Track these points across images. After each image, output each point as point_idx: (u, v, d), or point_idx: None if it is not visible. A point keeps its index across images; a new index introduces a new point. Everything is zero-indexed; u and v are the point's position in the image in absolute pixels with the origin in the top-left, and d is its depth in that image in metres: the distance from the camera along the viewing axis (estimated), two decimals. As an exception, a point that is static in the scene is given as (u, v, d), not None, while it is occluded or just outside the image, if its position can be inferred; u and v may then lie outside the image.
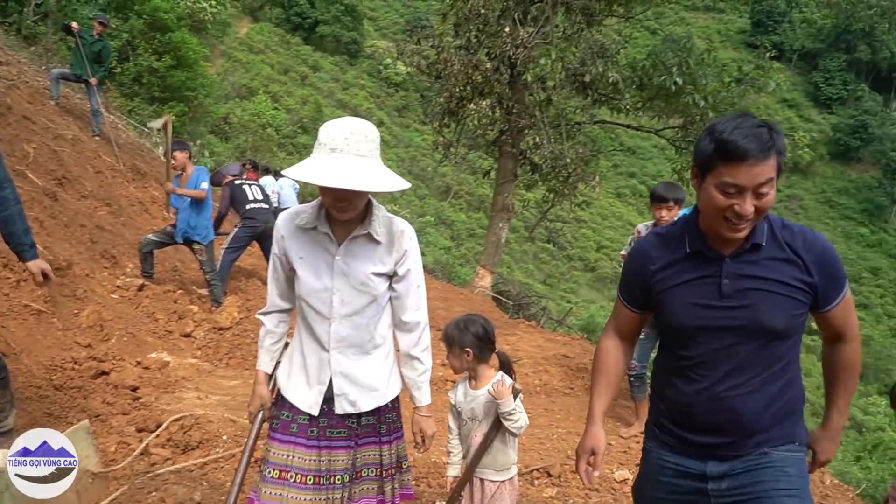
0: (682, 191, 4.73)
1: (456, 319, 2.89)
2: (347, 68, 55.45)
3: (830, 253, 1.98)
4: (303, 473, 2.31)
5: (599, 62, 11.58)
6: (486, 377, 2.84)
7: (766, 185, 1.84)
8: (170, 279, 7.47)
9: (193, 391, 5.12)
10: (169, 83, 18.44)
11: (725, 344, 1.97)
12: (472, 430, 2.84)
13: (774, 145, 1.84)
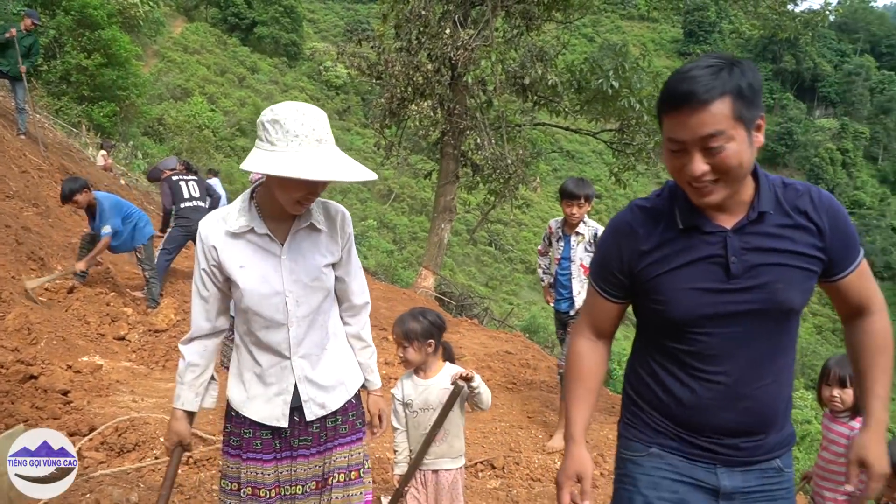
0: (592, 187, 4.69)
1: (408, 313, 2.86)
2: (287, 70, 54.78)
3: (842, 213, 1.67)
4: (267, 488, 2.16)
5: (539, 65, 11.74)
6: (435, 367, 2.87)
7: (715, 137, 1.49)
8: (102, 281, 7.22)
9: (128, 394, 4.96)
10: (99, 82, 17.88)
11: (740, 331, 1.65)
12: (427, 419, 2.82)
13: (722, 86, 1.48)
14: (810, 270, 1.64)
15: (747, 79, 1.51)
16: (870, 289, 1.73)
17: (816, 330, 52.17)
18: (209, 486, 3.76)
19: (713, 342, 1.66)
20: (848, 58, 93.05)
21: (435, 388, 2.82)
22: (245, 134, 36.87)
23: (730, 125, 1.49)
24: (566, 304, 4.80)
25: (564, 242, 4.78)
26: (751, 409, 1.67)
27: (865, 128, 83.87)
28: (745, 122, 1.51)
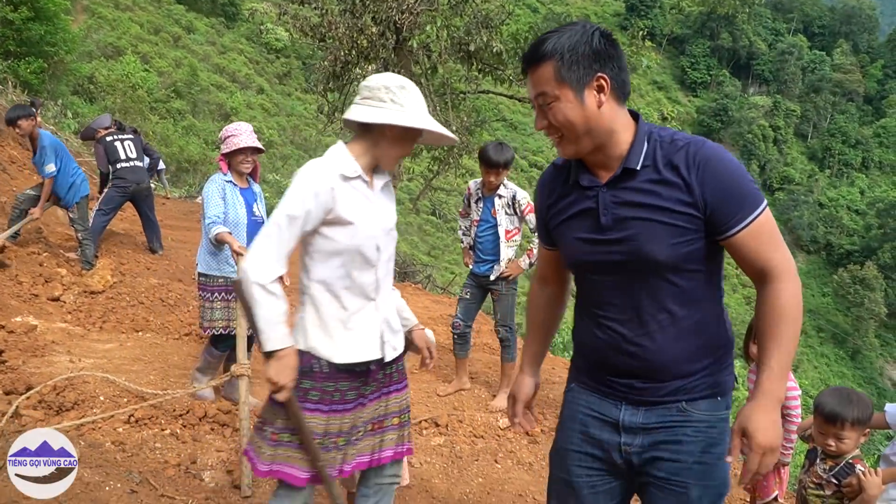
0: (511, 152, 4.64)
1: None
2: (224, 31, 53.10)
3: (724, 169, 1.68)
4: (343, 435, 2.26)
5: (484, 32, 11.70)
6: None
7: (543, 96, 1.69)
8: (34, 241, 6.99)
9: (65, 355, 4.86)
10: (25, 37, 16.97)
11: (618, 280, 1.78)
12: None
13: (549, 51, 1.65)
14: (678, 226, 1.69)
15: (571, 42, 1.65)
16: (768, 252, 1.70)
17: (746, 301, 54.15)
18: (152, 445, 3.74)
19: (600, 289, 1.83)
20: (782, 37, 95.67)
21: None
22: (181, 96, 35.67)
23: (553, 87, 1.67)
24: (485, 268, 4.82)
25: (484, 205, 4.80)
26: (637, 354, 1.79)
27: (797, 106, 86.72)
28: (569, 83, 1.67)
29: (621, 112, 1.76)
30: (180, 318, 6.06)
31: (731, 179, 1.68)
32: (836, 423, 2.65)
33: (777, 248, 1.71)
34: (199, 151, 26.76)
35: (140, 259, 7.61)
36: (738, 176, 1.69)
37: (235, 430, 4.08)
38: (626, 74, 1.75)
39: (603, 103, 1.71)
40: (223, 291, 4.17)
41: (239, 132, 4.10)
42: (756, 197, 1.69)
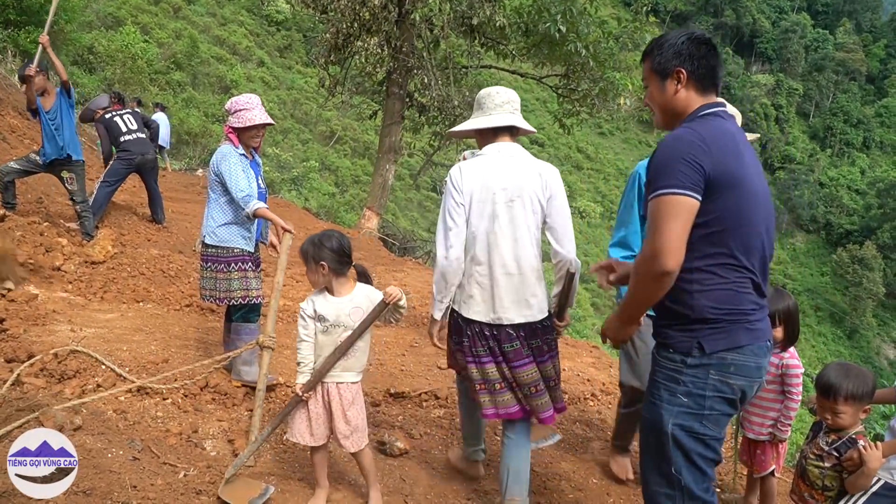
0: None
1: (311, 236, 2.98)
2: (225, 3, 52.48)
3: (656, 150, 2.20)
4: (500, 381, 3.05)
5: (487, 6, 11.60)
6: (345, 288, 2.99)
7: (644, 82, 2.39)
8: (34, 211, 6.97)
9: (66, 324, 4.86)
10: (25, 5, 16.77)
11: None
12: (338, 337, 2.94)
13: (646, 50, 2.36)
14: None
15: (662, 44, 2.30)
16: (649, 226, 2.13)
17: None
18: (153, 414, 3.77)
19: None
20: (785, 14, 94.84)
21: (346, 307, 2.95)
22: (181, 67, 35.37)
23: (647, 76, 2.35)
24: None
25: None
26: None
27: (799, 84, 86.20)
28: (657, 73, 2.31)
29: (699, 99, 2.28)
30: (181, 290, 6.06)
31: (652, 162, 2.18)
32: (829, 397, 2.67)
33: (649, 231, 2.11)
34: (199, 124, 26.61)
35: (140, 230, 7.61)
36: (656, 159, 2.16)
37: (236, 402, 4.11)
38: (710, 69, 2.26)
39: (679, 90, 2.27)
40: (239, 261, 4.14)
41: (251, 106, 4.05)
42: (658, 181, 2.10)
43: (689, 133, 2.13)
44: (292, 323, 5.79)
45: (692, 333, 2.17)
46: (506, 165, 2.96)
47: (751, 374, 2.20)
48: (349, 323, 2.94)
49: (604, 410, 4.99)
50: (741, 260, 2.16)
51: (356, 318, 2.95)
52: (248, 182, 4.02)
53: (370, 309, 2.94)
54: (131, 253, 6.67)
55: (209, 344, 4.92)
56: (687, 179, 2.06)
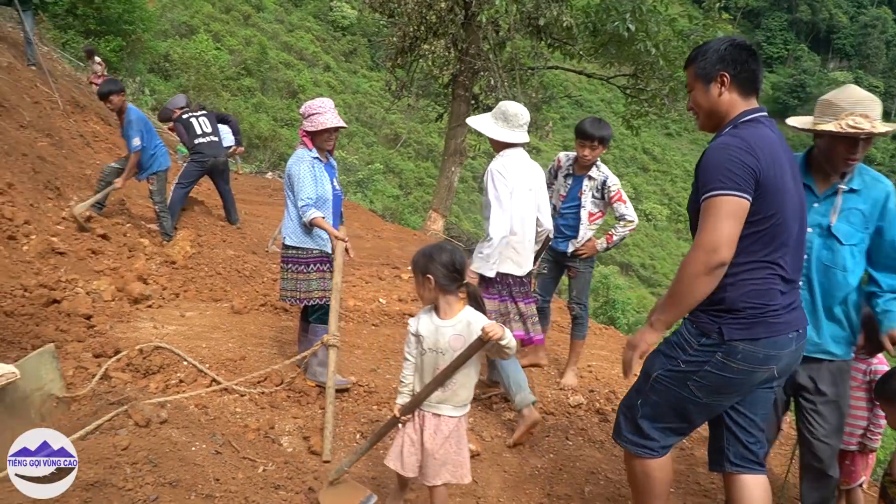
0: (609, 129, 4.48)
1: (424, 247, 2.79)
2: (292, 9, 53.67)
3: (703, 160, 2.35)
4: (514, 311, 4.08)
5: (554, 6, 11.51)
6: (452, 309, 2.73)
7: (689, 86, 2.56)
8: (118, 212, 7.27)
9: (149, 321, 5.06)
10: (105, 15, 17.56)
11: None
12: (436, 362, 2.71)
13: (691, 56, 2.54)
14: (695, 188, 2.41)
15: (706, 50, 2.46)
16: (699, 226, 2.31)
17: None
18: (232, 409, 3.87)
19: None
20: (865, 9, 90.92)
21: (447, 332, 2.70)
22: (250, 73, 36.31)
23: (692, 80, 2.52)
24: (564, 244, 4.72)
25: (573, 182, 4.66)
26: None
27: (880, 82, 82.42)
28: (701, 77, 2.47)
29: (741, 103, 2.44)
30: (255, 289, 6.22)
31: (702, 166, 2.35)
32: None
33: (704, 227, 2.28)
34: (268, 128, 27.26)
35: (216, 231, 7.84)
36: (705, 168, 2.33)
37: (311, 400, 4.19)
38: (751, 74, 2.42)
39: (723, 93, 2.43)
40: (318, 262, 4.23)
41: (324, 110, 4.11)
42: (711, 184, 2.27)
43: (736, 140, 2.31)
44: (363, 324, 5.87)
45: (718, 320, 2.39)
46: (525, 165, 4.05)
47: (755, 362, 2.38)
48: (448, 350, 2.68)
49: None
50: (773, 257, 2.36)
51: (456, 347, 2.65)
52: (314, 188, 4.10)
53: (472, 338, 2.59)
54: (208, 253, 6.88)
55: (283, 343, 5.03)
56: (741, 181, 2.25)
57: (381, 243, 10.40)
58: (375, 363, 5.00)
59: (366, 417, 4.13)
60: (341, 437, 3.90)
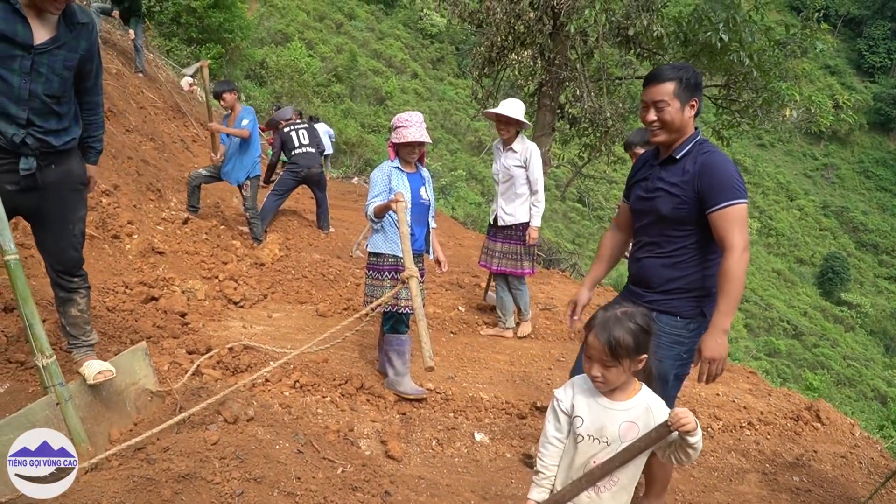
0: (645, 133, 4.58)
1: (613, 315, 2.12)
2: (383, 18, 54.78)
3: (715, 168, 2.67)
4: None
5: (644, 16, 11.32)
6: (629, 388, 2.18)
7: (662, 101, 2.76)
8: (212, 214, 7.61)
9: (238, 321, 5.27)
10: (207, 24, 18.42)
11: (643, 222, 2.92)
12: (594, 453, 2.15)
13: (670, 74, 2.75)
14: (679, 197, 2.73)
15: (687, 75, 2.75)
16: (727, 231, 2.61)
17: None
18: (314, 410, 3.99)
19: (636, 226, 2.99)
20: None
21: (619, 417, 2.13)
22: (340, 80, 37.29)
23: (670, 97, 2.74)
24: None
25: None
26: (635, 267, 2.96)
27: None
28: (679, 98, 2.74)
29: (692, 124, 2.83)
30: (339, 293, 6.38)
31: (714, 175, 2.66)
32: None
33: (734, 231, 2.61)
34: (356, 134, 27.89)
35: (304, 235, 8.09)
36: (722, 174, 2.66)
37: (388, 404, 4.28)
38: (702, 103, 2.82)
39: (692, 116, 2.80)
40: (392, 270, 4.29)
41: (410, 124, 4.20)
42: (730, 190, 2.64)
43: (725, 155, 2.77)
44: (442, 331, 5.94)
45: (700, 303, 2.81)
46: None
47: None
48: (616, 440, 2.12)
49: (762, 441, 4.72)
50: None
51: (627, 437, 2.10)
52: (382, 195, 4.19)
53: (648, 429, 2.07)
54: (295, 256, 7.12)
55: (365, 346, 5.15)
56: (746, 192, 2.74)
57: (461, 251, 10.47)
58: (453, 371, 5.06)
59: (442, 425, 4.19)
60: (417, 442, 3.97)
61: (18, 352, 3.67)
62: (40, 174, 2.94)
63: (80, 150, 3.21)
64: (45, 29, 2.78)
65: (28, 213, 3.07)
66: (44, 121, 2.88)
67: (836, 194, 65.22)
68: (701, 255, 2.78)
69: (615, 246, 3.23)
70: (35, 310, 2.88)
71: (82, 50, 2.94)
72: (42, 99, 2.83)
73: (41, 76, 2.80)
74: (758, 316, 42.38)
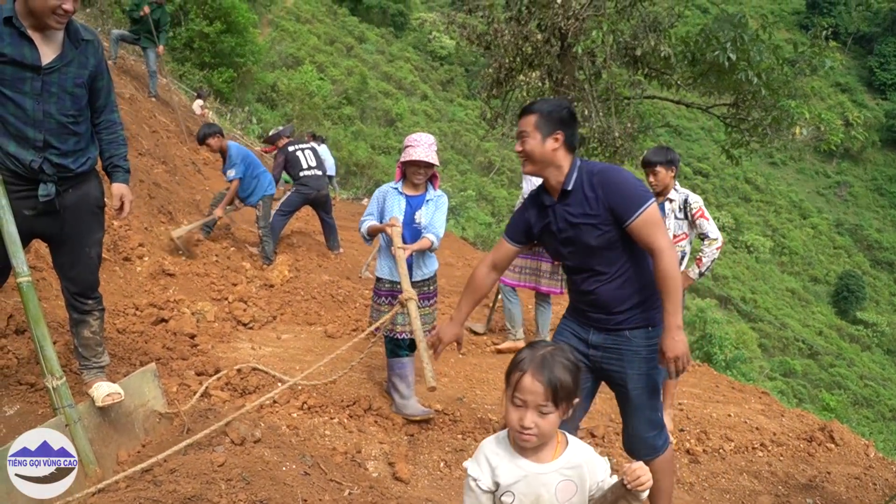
0: (671, 154, 4.63)
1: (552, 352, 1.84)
2: (393, 40, 55.32)
3: (613, 181, 2.69)
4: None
5: (652, 36, 11.38)
6: (554, 443, 1.89)
7: (525, 132, 2.81)
8: (223, 237, 7.66)
9: (247, 342, 5.29)
10: (219, 48, 18.67)
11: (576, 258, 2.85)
12: None
13: (534, 108, 2.81)
14: (597, 225, 2.71)
15: (549, 109, 2.79)
16: (651, 235, 2.66)
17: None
18: (321, 431, 3.99)
19: (567, 264, 2.90)
20: None
21: (554, 479, 1.84)
22: (351, 102, 37.62)
23: (531, 129, 2.77)
24: None
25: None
26: (593, 298, 2.84)
27: None
28: (540, 130, 2.75)
29: (566, 156, 2.80)
30: (348, 314, 6.40)
31: (619, 187, 2.68)
32: None
33: (656, 234, 2.66)
34: (366, 155, 28.07)
35: (313, 256, 8.13)
36: (624, 184, 2.69)
37: (396, 426, 4.27)
38: (576, 136, 2.79)
39: (557, 149, 2.76)
40: (388, 295, 4.27)
41: (417, 144, 4.12)
42: (640, 200, 2.66)
43: (614, 165, 2.87)
44: (451, 351, 5.92)
45: (659, 305, 2.77)
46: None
47: None
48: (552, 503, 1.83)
49: (774, 462, 4.67)
50: None
51: (565, 499, 1.84)
52: (375, 212, 4.23)
53: (585, 487, 1.85)
54: (304, 278, 7.15)
55: (373, 368, 5.14)
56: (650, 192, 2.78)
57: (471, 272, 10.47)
58: (461, 392, 5.04)
59: (450, 446, 4.17)
60: (425, 464, 3.95)
61: (29, 374, 3.70)
62: (58, 199, 2.97)
63: (97, 172, 3.25)
64: (51, 49, 2.82)
65: (45, 237, 3.11)
66: (61, 142, 2.91)
67: (850, 212, 64.81)
68: (642, 263, 2.82)
69: (488, 286, 3.12)
70: (46, 331, 2.91)
71: (91, 66, 2.97)
72: (57, 119, 2.87)
73: (53, 96, 2.84)
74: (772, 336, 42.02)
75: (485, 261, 3.12)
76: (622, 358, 2.82)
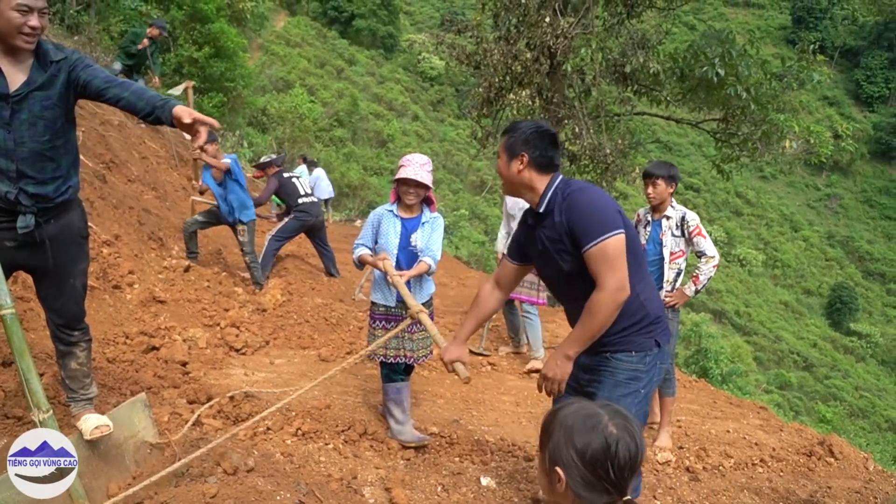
0: (672, 168, 4.66)
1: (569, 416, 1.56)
2: (383, 62, 55.61)
3: (579, 209, 2.61)
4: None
5: (640, 53, 11.46)
6: None
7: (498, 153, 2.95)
8: (214, 261, 7.61)
9: (240, 368, 5.23)
10: (209, 73, 18.65)
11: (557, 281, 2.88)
12: None
13: (505, 130, 2.87)
14: (567, 252, 2.67)
15: (514, 132, 2.80)
16: (599, 271, 2.58)
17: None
18: (316, 458, 3.92)
19: (553, 288, 2.99)
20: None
21: None
22: (342, 124, 37.70)
23: (500, 151, 2.86)
24: None
25: (653, 228, 4.71)
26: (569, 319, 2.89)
27: None
28: (507, 152, 2.81)
29: (539, 177, 2.78)
30: (342, 337, 6.34)
31: (581, 216, 2.60)
32: None
33: (604, 271, 2.56)
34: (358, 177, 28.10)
35: (305, 280, 8.08)
36: (588, 214, 2.60)
37: (392, 450, 4.21)
38: (548, 155, 2.76)
39: (522, 170, 2.77)
40: (382, 319, 4.23)
41: (409, 163, 4.08)
42: (597, 231, 2.56)
43: (594, 186, 2.75)
44: (447, 373, 5.87)
45: (651, 332, 2.76)
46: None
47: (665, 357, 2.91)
48: None
49: (775, 478, 4.62)
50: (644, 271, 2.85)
51: None
52: (370, 236, 4.21)
53: None
54: (297, 301, 7.09)
55: (368, 391, 5.09)
56: (620, 221, 2.62)
57: (465, 291, 10.44)
58: (458, 413, 4.99)
59: (447, 470, 4.11)
60: (422, 489, 3.89)
61: (16, 406, 3.62)
62: (39, 230, 2.87)
63: (79, 201, 3.17)
64: (20, 74, 2.71)
65: (28, 268, 3.04)
66: (37, 170, 2.80)
67: (841, 224, 65.10)
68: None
69: (492, 304, 3.12)
70: (32, 364, 2.84)
71: (60, 83, 2.78)
72: (30, 147, 2.75)
73: (24, 123, 2.72)
74: (767, 349, 42.00)
75: (489, 279, 3.12)
76: (600, 382, 2.79)
